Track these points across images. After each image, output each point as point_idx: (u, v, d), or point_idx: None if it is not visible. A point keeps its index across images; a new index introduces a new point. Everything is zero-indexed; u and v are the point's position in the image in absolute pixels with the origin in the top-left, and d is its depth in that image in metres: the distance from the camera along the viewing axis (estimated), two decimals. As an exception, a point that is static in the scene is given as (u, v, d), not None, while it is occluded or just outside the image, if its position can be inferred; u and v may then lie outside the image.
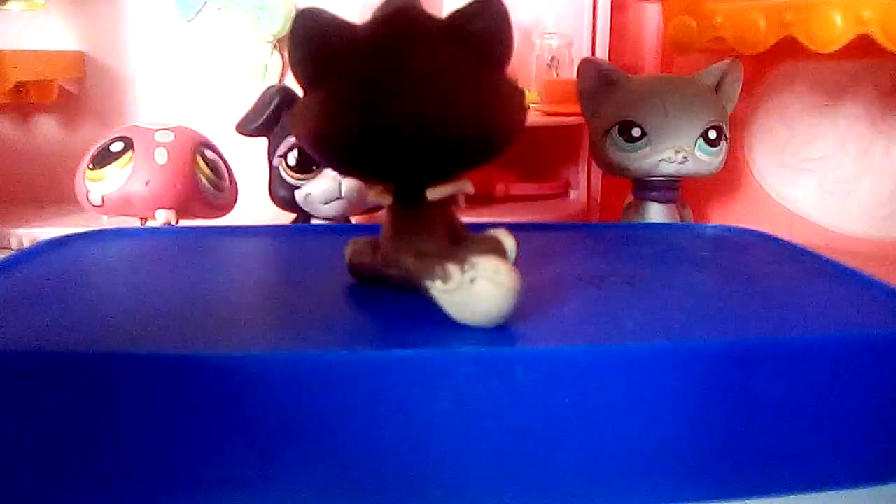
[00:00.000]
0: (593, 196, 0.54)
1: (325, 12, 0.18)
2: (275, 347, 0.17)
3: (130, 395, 0.16)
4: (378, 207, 0.35)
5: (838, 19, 0.32)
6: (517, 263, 0.19)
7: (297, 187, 0.33)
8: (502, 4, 0.18)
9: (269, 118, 0.33)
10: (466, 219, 0.21)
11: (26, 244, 0.44)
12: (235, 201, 0.39)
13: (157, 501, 0.17)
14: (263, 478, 0.17)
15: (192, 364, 0.16)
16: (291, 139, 0.33)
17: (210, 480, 0.17)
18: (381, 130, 0.17)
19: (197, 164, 0.35)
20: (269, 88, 0.33)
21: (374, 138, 0.17)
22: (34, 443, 0.16)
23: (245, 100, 0.34)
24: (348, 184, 0.33)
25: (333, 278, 0.23)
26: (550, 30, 0.53)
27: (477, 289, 0.17)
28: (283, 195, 0.34)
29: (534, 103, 0.51)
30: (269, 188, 0.34)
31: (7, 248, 0.45)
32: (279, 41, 0.53)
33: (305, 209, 0.34)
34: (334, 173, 0.33)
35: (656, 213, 0.37)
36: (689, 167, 0.35)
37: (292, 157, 0.33)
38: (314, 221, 0.34)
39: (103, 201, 0.34)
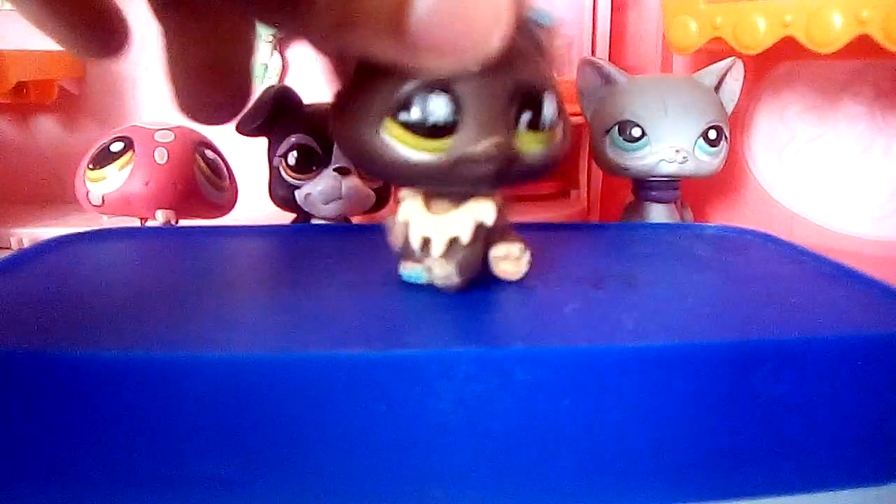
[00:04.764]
0: (593, 196, 0.54)
1: None
2: (274, 348, 0.17)
3: (131, 395, 0.16)
4: (378, 207, 0.35)
5: (838, 19, 0.32)
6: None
7: (297, 187, 0.33)
8: None
9: (268, 118, 0.32)
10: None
11: (26, 244, 0.44)
12: (235, 201, 0.39)
13: (157, 502, 0.17)
14: (262, 478, 0.17)
15: (192, 364, 0.16)
16: (291, 139, 0.33)
17: (209, 481, 0.17)
18: None
19: (197, 164, 0.35)
20: (268, 88, 0.33)
21: None
22: (33, 443, 0.16)
23: (245, 100, 0.34)
24: (348, 184, 0.33)
25: (333, 278, 0.23)
26: (550, 30, 0.53)
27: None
28: (283, 195, 0.33)
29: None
30: (269, 188, 0.34)
31: (7, 248, 0.44)
32: (279, 41, 0.53)
33: (305, 209, 0.34)
34: (334, 173, 0.33)
35: (656, 213, 0.37)
36: (689, 167, 0.35)
37: (292, 157, 0.33)
38: (314, 221, 0.34)
39: (103, 201, 0.34)
